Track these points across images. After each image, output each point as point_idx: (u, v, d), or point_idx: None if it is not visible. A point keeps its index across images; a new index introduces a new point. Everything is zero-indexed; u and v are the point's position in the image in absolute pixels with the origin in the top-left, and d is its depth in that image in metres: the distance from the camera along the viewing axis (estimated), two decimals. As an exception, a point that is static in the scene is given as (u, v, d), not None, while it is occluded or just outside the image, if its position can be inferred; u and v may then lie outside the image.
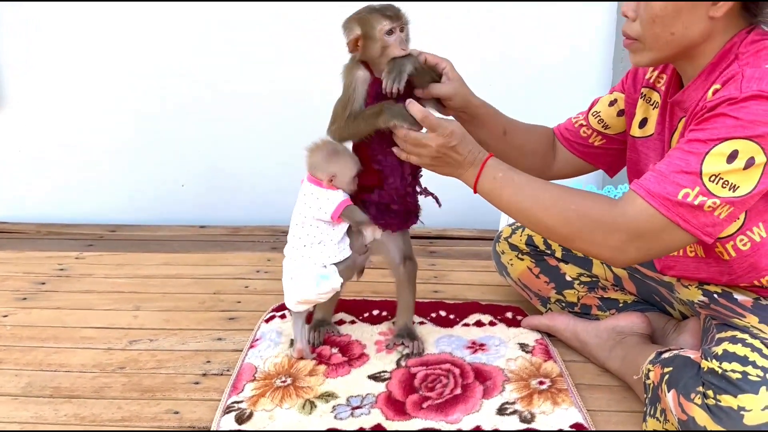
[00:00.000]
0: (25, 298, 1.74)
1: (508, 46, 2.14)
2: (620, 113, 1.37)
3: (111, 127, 2.24)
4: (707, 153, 1.01)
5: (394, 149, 1.25)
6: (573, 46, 2.14)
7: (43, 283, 1.83)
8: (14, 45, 2.18)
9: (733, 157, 1.01)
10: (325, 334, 1.49)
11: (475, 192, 1.21)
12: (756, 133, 0.99)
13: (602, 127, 1.39)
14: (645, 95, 1.30)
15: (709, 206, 1.02)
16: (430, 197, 1.37)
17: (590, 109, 1.42)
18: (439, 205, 1.37)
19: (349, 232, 1.38)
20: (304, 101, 2.17)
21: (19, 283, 1.83)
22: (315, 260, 1.34)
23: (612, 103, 1.38)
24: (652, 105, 1.28)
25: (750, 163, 1.00)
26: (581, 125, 1.42)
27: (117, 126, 2.24)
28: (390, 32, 1.23)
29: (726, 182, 1.01)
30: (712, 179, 1.01)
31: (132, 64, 2.18)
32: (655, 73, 1.28)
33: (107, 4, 2.13)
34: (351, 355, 1.43)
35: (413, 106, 1.20)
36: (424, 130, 1.20)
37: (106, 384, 1.38)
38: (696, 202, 1.02)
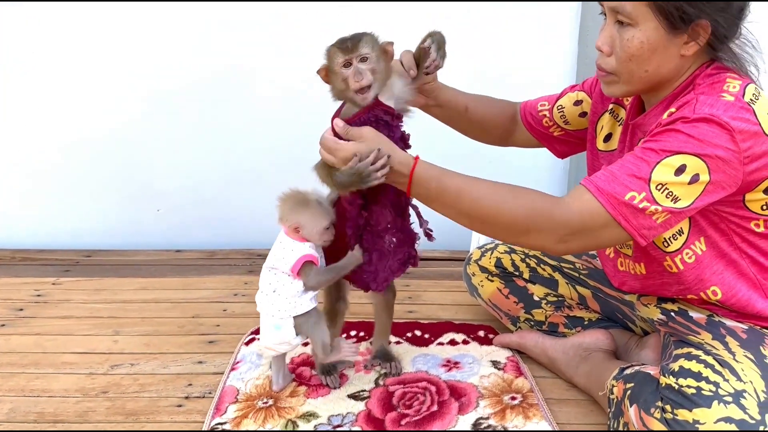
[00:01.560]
0: (3, 325, 1.75)
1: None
2: (582, 114, 1.44)
3: (85, 151, 2.25)
4: (658, 162, 1.08)
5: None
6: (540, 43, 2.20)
7: (21, 309, 1.84)
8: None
9: (681, 170, 1.08)
10: (339, 372, 1.48)
11: (409, 196, 1.22)
12: (704, 152, 1.07)
13: (563, 122, 1.47)
14: (613, 111, 1.37)
15: (651, 211, 1.09)
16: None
17: (557, 100, 1.48)
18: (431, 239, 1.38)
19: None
20: (279, 127, 2.22)
21: (-4, 310, 1.84)
22: (267, 310, 1.34)
23: (577, 103, 1.45)
24: (618, 122, 1.36)
25: (695, 179, 1.08)
26: (544, 115, 1.49)
27: (92, 150, 2.25)
28: (347, 65, 1.21)
29: (670, 193, 1.08)
30: (658, 188, 1.08)
31: (106, 89, 2.20)
32: None
33: (77, 25, 2.15)
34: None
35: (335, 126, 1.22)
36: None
37: (90, 408, 1.40)
38: (640, 206, 1.08)
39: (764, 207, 1.17)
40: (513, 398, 1.39)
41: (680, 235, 1.21)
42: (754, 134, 1.08)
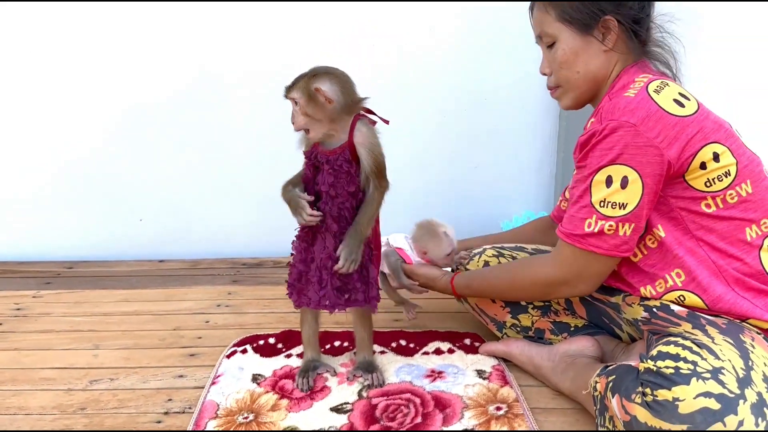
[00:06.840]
0: (-19, 340, 1.72)
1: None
2: None
3: (66, 160, 2.23)
4: (590, 184, 1.22)
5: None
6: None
7: (0, 324, 1.81)
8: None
9: (609, 181, 1.20)
10: (315, 376, 1.48)
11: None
12: (618, 158, 1.18)
13: None
14: None
15: (610, 228, 1.21)
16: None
17: (564, 192, 1.63)
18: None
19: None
20: (260, 137, 2.20)
21: (-25, 325, 1.80)
22: None
23: None
24: None
25: (624, 182, 1.19)
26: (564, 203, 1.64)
27: (73, 160, 2.23)
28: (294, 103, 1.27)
29: (614, 203, 1.20)
30: (602, 204, 1.21)
31: (85, 98, 2.18)
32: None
33: (53, 40, 2.13)
34: (313, 388, 1.45)
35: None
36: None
37: (67, 426, 1.37)
38: (596, 230, 1.22)
39: (707, 183, 1.22)
40: (498, 408, 1.37)
41: (641, 231, 1.27)
42: (659, 118, 1.18)
